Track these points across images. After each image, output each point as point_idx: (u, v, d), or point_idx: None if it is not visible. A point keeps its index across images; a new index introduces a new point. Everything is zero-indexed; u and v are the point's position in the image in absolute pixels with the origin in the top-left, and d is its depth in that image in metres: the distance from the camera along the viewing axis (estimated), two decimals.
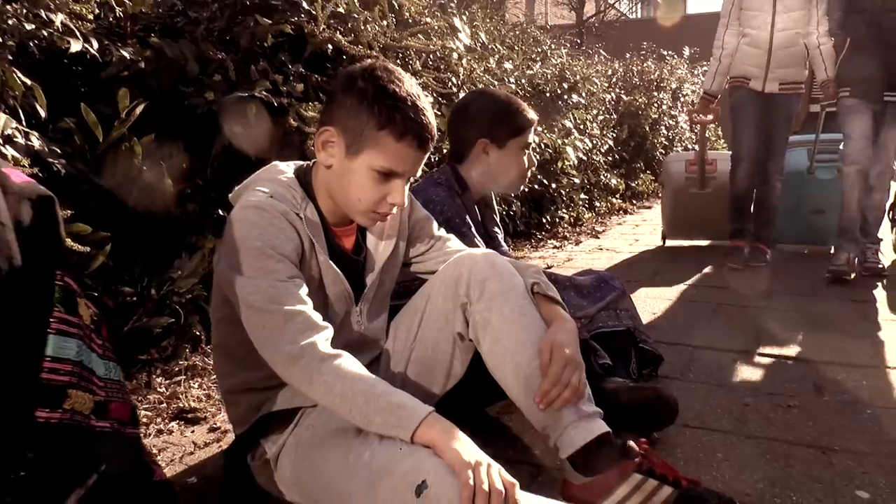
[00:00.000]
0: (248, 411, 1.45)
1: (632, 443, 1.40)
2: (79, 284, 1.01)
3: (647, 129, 9.10)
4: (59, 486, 0.94)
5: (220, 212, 2.51)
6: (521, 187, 2.21)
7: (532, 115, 2.13)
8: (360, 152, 1.36)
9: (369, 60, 1.47)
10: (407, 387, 1.43)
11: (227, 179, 2.55)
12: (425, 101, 1.39)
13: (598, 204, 7.02)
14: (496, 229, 2.21)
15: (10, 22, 1.90)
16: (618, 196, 7.67)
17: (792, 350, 2.55)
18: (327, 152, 1.41)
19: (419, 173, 1.51)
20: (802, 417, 1.96)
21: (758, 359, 2.46)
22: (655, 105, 9.54)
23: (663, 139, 10.06)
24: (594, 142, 6.88)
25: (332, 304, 1.45)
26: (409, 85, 1.39)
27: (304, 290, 1.31)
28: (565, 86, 6.22)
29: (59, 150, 1.98)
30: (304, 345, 1.23)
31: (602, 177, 7.17)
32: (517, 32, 6.39)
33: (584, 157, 6.43)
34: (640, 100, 8.89)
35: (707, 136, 4.71)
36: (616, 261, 4.51)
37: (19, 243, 0.91)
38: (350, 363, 1.23)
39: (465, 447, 1.13)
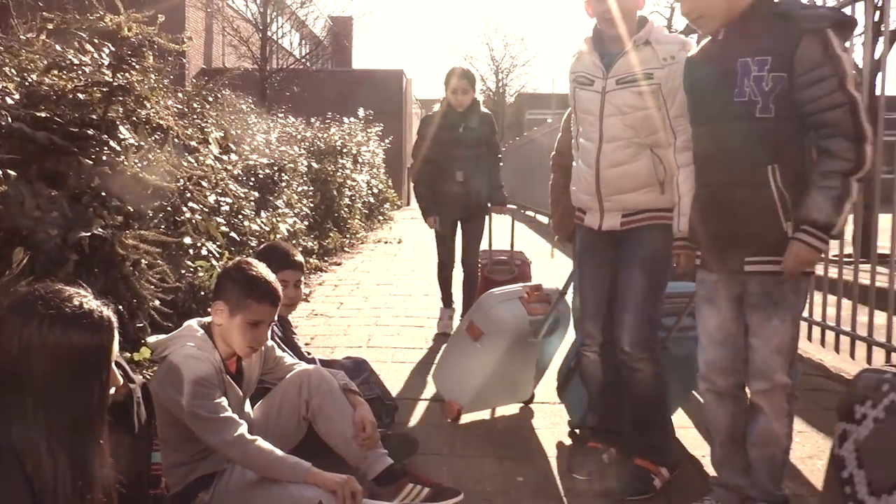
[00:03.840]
0: (182, 476, 2.35)
1: (406, 468, 2.59)
2: None
3: (335, 192, 10.53)
4: None
5: None
6: (289, 312, 3.24)
7: (292, 260, 3.16)
8: (237, 314, 2.38)
9: (238, 258, 2.52)
10: None
11: None
12: (273, 277, 2.45)
13: None
14: (295, 337, 3.25)
15: None
16: (314, 256, 8.89)
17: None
18: (219, 316, 2.39)
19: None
20: (486, 439, 3.34)
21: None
22: (341, 170, 11.03)
23: (347, 200, 11.62)
24: (296, 212, 8.04)
25: (232, 406, 2.42)
26: (262, 268, 2.45)
27: (226, 402, 2.29)
28: (276, 168, 7.31)
29: None
30: (236, 435, 2.22)
31: (301, 241, 8.34)
32: (232, 118, 7.30)
33: (291, 228, 7.55)
34: (329, 167, 10.28)
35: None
36: (333, 326, 5.68)
37: (145, 409, 1.83)
38: (263, 443, 2.25)
39: (331, 476, 2.23)
